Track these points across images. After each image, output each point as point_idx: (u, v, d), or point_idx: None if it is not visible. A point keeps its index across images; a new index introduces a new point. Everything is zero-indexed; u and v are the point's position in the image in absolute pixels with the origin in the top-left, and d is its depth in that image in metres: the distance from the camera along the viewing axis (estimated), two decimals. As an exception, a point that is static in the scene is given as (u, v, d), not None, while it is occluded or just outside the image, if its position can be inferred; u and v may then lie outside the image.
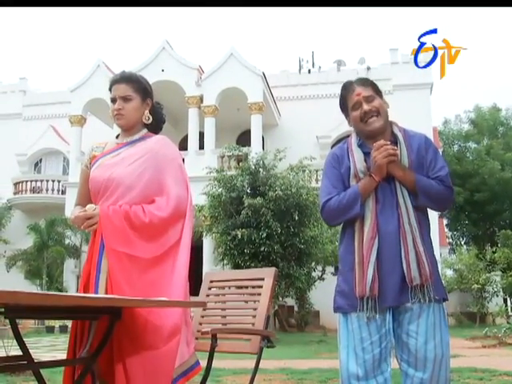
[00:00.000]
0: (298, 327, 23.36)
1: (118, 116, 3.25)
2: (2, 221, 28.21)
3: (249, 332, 3.35)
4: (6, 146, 31.14)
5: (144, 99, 3.30)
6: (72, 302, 1.95)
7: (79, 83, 27.50)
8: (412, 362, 2.93)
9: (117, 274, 2.79)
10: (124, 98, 3.23)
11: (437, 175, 3.04)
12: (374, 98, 3.09)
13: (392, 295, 2.91)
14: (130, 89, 3.26)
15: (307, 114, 28.72)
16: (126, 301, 2.23)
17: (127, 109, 3.24)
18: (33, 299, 1.69)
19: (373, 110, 3.06)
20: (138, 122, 3.30)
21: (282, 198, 17.76)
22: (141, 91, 3.29)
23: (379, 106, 3.09)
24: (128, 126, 3.28)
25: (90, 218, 2.99)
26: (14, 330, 2.14)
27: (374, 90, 3.13)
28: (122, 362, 2.59)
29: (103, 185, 3.09)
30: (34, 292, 1.69)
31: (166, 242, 2.97)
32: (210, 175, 19.55)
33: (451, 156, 33.84)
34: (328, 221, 3.21)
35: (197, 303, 3.06)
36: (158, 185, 3.09)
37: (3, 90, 32.59)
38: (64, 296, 1.84)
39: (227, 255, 18.30)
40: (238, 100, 25.78)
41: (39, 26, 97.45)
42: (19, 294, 1.57)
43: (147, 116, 3.32)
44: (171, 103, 27.24)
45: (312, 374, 8.61)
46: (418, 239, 2.93)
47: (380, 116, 3.07)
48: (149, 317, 2.67)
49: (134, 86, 3.27)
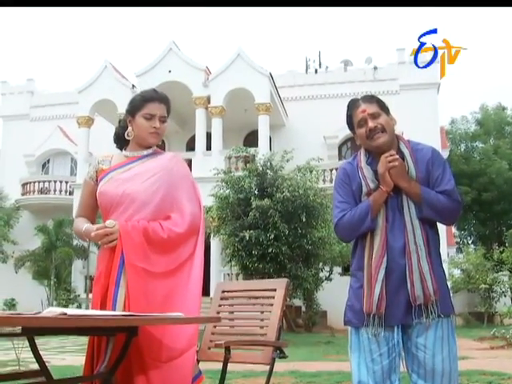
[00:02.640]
0: (306, 327, 23.38)
1: (155, 134, 3.30)
2: (10, 221, 28.29)
3: (262, 343, 3.38)
4: (14, 147, 31.26)
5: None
6: (91, 324, 1.99)
7: (86, 84, 27.58)
8: (422, 373, 2.97)
9: (135, 288, 2.84)
10: (163, 118, 3.30)
11: (444, 189, 3.05)
12: (380, 115, 3.09)
13: (398, 313, 2.95)
14: (165, 110, 3.33)
15: (314, 114, 28.73)
16: (143, 320, 2.27)
17: (162, 129, 3.31)
18: (54, 322, 1.73)
19: (378, 126, 3.06)
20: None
21: (290, 200, 17.80)
22: (168, 112, 3.37)
23: (385, 122, 3.08)
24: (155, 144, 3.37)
25: (109, 234, 3.02)
26: (32, 347, 2.18)
27: (380, 106, 3.13)
28: (142, 374, 2.64)
29: (116, 199, 3.12)
30: (54, 317, 1.73)
31: (180, 256, 3.02)
32: (217, 176, 19.60)
33: (458, 156, 33.81)
34: (343, 237, 3.24)
35: (211, 319, 3.08)
36: (171, 201, 3.14)
37: (11, 90, 32.68)
38: (84, 318, 1.88)
39: (235, 256, 18.37)
40: (245, 100, 25.80)
41: (46, 26, 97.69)
42: (42, 319, 1.61)
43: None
44: (178, 104, 27.27)
45: (321, 377, 8.63)
46: (422, 258, 2.96)
47: (385, 132, 3.08)
48: (166, 328, 2.72)
49: (167, 106, 3.35)
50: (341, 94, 29.01)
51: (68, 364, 10.25)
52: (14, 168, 30.70)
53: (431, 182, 3.08)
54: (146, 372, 2.66)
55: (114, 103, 26.74)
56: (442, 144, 28.79)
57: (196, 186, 3.32)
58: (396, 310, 2.95)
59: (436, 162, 3.12)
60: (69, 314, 2.07)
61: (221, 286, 3.95)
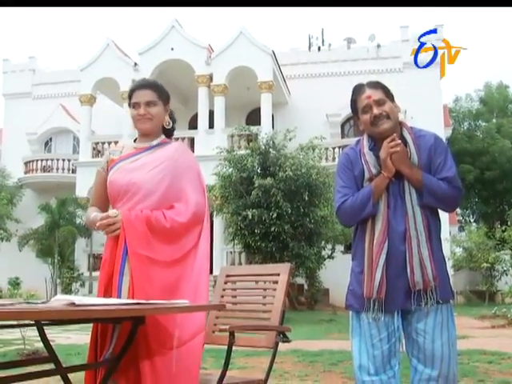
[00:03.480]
0: (308, 305, 23.51)
1: (142, 120, 3.31)
2: (13, 200, 28.33)
3: (265, 328, 3.42)
4: (17, 125, 31.18)
5: (165, 105, 3.37)
6: (101, 315, 2.03)
7: (89, 62, 27.46)
8: (421, 358, 3.03)
9: (140, 276, 2.88)
10: (148, 103, 3.29)
11: (445, 176, 3.07)
12: (385, 102, 3.10)
13: (398, 299, 3.00)
14: (155, 95, 3.32)
15: (317, 92, 28.59)
16: (151, 309, 2.30)
17: (153, 113, 3.30)
18: (64, 315, 1.76)
19: (383, 113, 3.08)
20: (160, 129, 3.38)
21: (292, 179, 17.83)
22: (163, 97, 3.36)
23: (389, 109, 3.10)
24: (153, 130, 3.35)
25: (112, 224, 3.05)
26: (41, 336, 2.22)
27: (385, 93, 3.14)
28: (148, 360, 2.68)
29: (123, 188, 3.15)
30: (65, 309, 1.76)
31: (185, 245, 3.05)
32: (220, 155, 19.60)
33: (462, 134, 33.77)
34: (345, 221, 3.26)
35: (216, 306, 3.12)
36: (176, 191, 3.16)
37: (12, 69, 32.47)
38: (93, 310, 1.91)
39: (238, 235, 18.44)
40: (248, 79, 25.71)
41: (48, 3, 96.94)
42: (52, 313, 1.64)
43: (168, 121, 3.39)
44: (181, 82, 27.26)
45: (323, 356, 8.73)
46: (422, 244, 2.99)
47: (390, 119, 3.09)
48: (172, 315, 2.76)
49: (156, 92, 3.34)
50: (344, 72, 28.92)
51: (72, 343, 10.36)
52: (17, 146, 30.67)
53: (433, 168, 3.10)
54: (152, 359, 2.70)
55: (116, 81, 26.68)
56: (445, 122, 28.72)
57: (201, 176, 3.32)
58: (396, 295, 3.00)
59: (438, 148, 3.14)
60: (77, 303, 2.10)
61: (225, 270, 3.99)
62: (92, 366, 2.49)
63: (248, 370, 7.15)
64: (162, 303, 2.49)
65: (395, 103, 3.18)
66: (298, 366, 7.84)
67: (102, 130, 28.82)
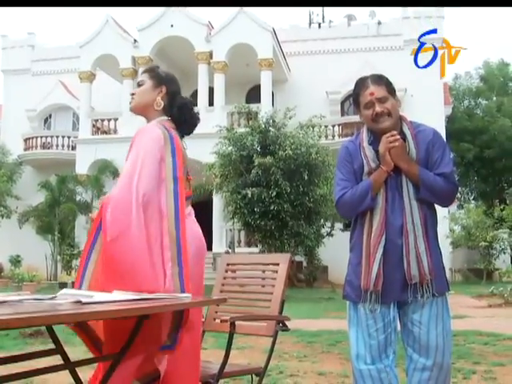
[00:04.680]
0: (307, 282, 23.68)
1: (130, 100, 3.35)
2: (13, 177, 28.38)
3: (265, 318, 3.50)
4: (16, 102, 31.07)
5: (157, 85, 3.32)
6: (111, 316, 2.09)
7: (88, 39, 27.33)
8: (416, 348, 3.12)
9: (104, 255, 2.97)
10: (138, 83, 3.35)
11: (442, 171, 3.12)
12: (387, 99, 3.14)
13: (394, 291, 3.08)
14: (146, 76, 3.35)
15: (317, 69, 28.49)
16: (158, 307, 2.36)
17: (137, 92, 3.33)
18: (72, 318, 1.83)
19: (385, 111, 3.12)
20: (149, 108, 3.32)
21: (292, 158, 17.87)
22: (155, 77, 3.34)
23: (391, 107, 3.14)
24: (136, 108, 3.34)
25: None
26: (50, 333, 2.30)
27: (388, 89, 3.17)
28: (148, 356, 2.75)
29: None
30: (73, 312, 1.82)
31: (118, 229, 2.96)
32: (220, 133, 19.61)
33: (462, 112, 33.69)
34: (344, 214, 3.33)
35: (217, 300, 3.19)
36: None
37: (11, 45, 32.24)
38: (101, 311, 1.97)
39: (237, 214, 18.51)
40: (248, 56, 25.63)
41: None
42: (61, 317, 1.70)
43: (159, 102, 3.31)
44: (180, 59, 27.22)
45: (321, 336, 8.84)
46: (419, 238, 3.05)
47: (391, 117, 3.14)
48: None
49: (148, 74, 3.37)
50: (344, 49, 28.84)
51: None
52: (16, 123, 30.61)
53: (430, 163, 3.15)
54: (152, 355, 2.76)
55: (115, 58, 26.61)
56: (446, 100, 28.67)
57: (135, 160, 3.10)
58: (392, 287, 3.07)
59: (436, 144, 3.19)
60: (83, 301, 2.17)
61: (225, 258, 4.06)
62: (96, 359, 2.56)
63: (247, 351, 7.26)
64: (167, 298, 2.55)
65: (397, 97, 3.23)
66: (297, 346, 7.95)
67: (101, 106, 28.77)
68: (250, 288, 3.90)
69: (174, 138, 3.21)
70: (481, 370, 5.97)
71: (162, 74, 3.41)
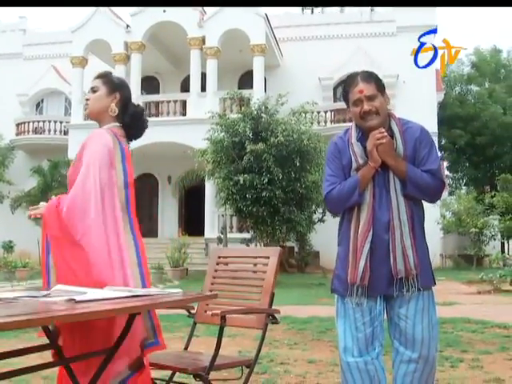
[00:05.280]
0: (299, 268, 23.83)
1: (85, 106, 3.45)
2: (5, 162, 28.33)
3: (255, 311, 3.57)
4: (7, 86, 30.88)
5: (111, 92, 3.37)
6: (101, 315, 2.15)
7: (80, 24, 27.16)
8: (403, 341, 3.20)
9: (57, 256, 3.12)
10: (92, 89, 3.39)
11: (429, 168, 3.17)
12: (376, 97, 3.17)
13: (381, 285, 3.15)
14: (100, 81, 3.40)
15: (310, 55, 28.45)
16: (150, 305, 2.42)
17: (91, 98, 3.38)
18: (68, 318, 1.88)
19: (372, 110, 3.16)
20: (104, 114, 3.38)
21: (284, 144, 17.92)
22: (108, 84, 3.39)
23: (379, 105, 3.17)
24: (91, 114, 3.40)
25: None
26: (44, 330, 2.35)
27: (377, 86, 3.20)
28: None
29: None
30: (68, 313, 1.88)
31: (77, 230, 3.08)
32: (212, 119, 19.61)
33: (453, 99, 33.74)
34: (331, 209, 3.40)
35: (208, 296, 3.25)
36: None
37: (3, 28, 31.98)
38: (94, 312, 2.03)
39: (229, 200, 18.57)
40: (241, 41, 25.57)
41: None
42: (57, 318, 1.76)
43: (113, 109, 3.36)
44: (173, 44, 27.17)
45: (312, 323, 8.94)
46: (405, 234, 3.11)
47: (379, 115, 3.18)
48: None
49: (102, 80, 3.41)
50: (337, 35, 28.80)
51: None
52: (8, 108, 30.45)
53: (417, 160, 3.21)
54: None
55: (108, 43, 26.51)
56: (437, 87, 28.71)
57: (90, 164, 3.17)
58: (379, 282, 3.14)
59: (424, 141, 3.24)
60: (77, 299, 2.23)
61: (217, 251, 4.12)
62: (90, 354, 2.62)
63: (238, 339, 7.34)
64: (158, 295, 2.62)
65: (386, 95, 3.26)
66: (288, 333, 8.03)
67: (93, 91, 28.67)
68: (240, 281, 3.95)
69: (124, 145, 3.29)
70: (468, 359, 6.06)
71: (115, 80, 3.47)
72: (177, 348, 4.04)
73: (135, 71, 26.48)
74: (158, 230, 28.80)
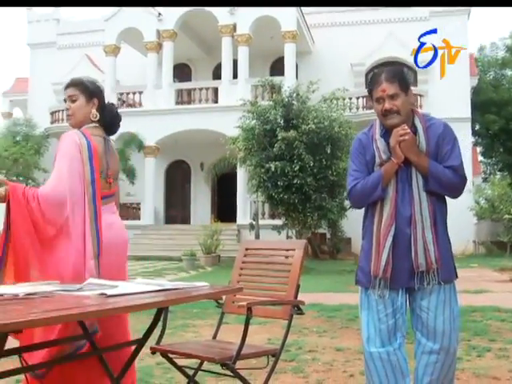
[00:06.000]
0: (330, 254, 23.90)
1: (69, 117, 3.63)
2: (40, 150, 28.75)
3: (281, 303, 3.68)
4: (42, 75, 31.33)
5: (89, 99, 3.57)
6: (131, 310, 2.28)
7: (112, 12, 27.44)
8: (424, 332, 3.29)
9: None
10: (71, 98, 3.57)
11: (451, 164, 3.24)
12: (398, 96, 3.23)
13: (403, 278, 3.24)
14: (76, 90, 3.57)
15: (341, 40, 28.31)
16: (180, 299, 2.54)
17: (74, 108, 3.57)
18: (103, 313, 2.01)
19: (394, 109, 3.23)
20: (87, 121, 3.58)
21: (315, 131, 17.94)
22: (86, 91, 3.57)
23: (400, 105, 3.23)
24: (76, 125, 3.58)
25: None
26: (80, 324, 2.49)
27: (401, 85, 3.25)
28: None
29: None
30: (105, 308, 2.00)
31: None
32: (243, 107, 19.70)
33: (487, 83, 33.23)
34: (355, 203, 3.48)
35: (235, 290, 3.37)
36: None
37: (37, 18, 32.47)
38: (126, 307, 2.15)
39: (261, 187, 18.66)
40: (272, 28, 25.56)
41: None
42: (92, 313, 1.88)
43: (94, 114, 3.58)
44: (204, 31, 27.29)
45: (341, 310, 9.02)
46: (427, 228, 3.20)
47: (399, 115, 3.24)
48: None
49: (78, 88, 3.58)
50: (369, 21, 28.59)
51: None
52: (43, 96, 30.86)
53: (440, 156, 3.27)
54: None
55: (140, 31, 26.73)
56: (471, 71, 28.38)
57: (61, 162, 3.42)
58: (401, 274, 3.23)
59: (447, 137, 3.30)
60: (108, 293, 2.36)
61: (245, 244, 4.24)
62: (123, 344, 2.75)
63: (268, 326, 7.44)
64: (185, 289, 2.74)
65: (410, 92, 3.31)
66: (317, 321, 8.13)
67: (126, 79, 29.00)
68: (267, 272, 4.06)
69: (92, 145, 3.45)
70: (495, 348, 6.09)
71: (90, 86, 3.63)
72: (208, 335, 4.18)
73: (167, 59, 26.69)
74: (191, 216, 29.06)
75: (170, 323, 7.42)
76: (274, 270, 4.02)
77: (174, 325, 7.71)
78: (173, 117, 25.78)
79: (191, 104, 26.55)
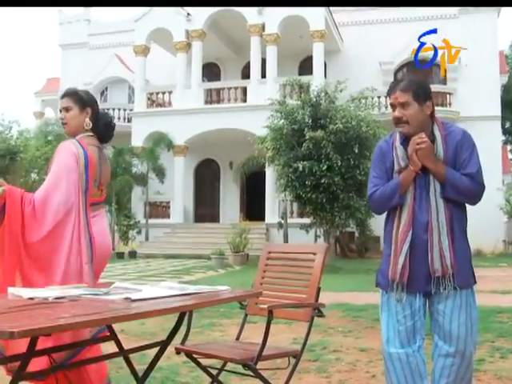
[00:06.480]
0: (359, 253, 23.93)
1: (63, 125, 3.82)
2: (71, 149, 29.10)
3: (301, 305, 3.79)
4: (74, 75, 31.67)
5: (82, 108, 3.77)
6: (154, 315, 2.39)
7: (142, 13, 27.71)
8: (441, 335, 3.37)
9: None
10: (65, 108, 3.77)
11: (469, 171, 3.29)
12: (409, 106, 3.30)
13: (419, 283, 3.32)
14: (70, 100, 3.78)
15: (370, 39, 28.24)
16: (195, 305, 2.65)
17: (67, 117, 3.77)
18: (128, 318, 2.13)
19: (402, 118, 3.31)
20: (80, 129, 3.77)
21: (343, 131, 17.96)
22: (79, 102, 3.78)
23: (410, 114, 3.30)
24: (71, 132, 3.79)
25: None
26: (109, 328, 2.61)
27: (415, 95, 3.31)
28: None
29: None
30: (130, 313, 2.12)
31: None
32: (271, 106, 19.79)
33: (517, 81, 32.97)
34: (375, 209, 3.57)
35: (254, 294, 3.48)
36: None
37: (68, 19, 33.00)
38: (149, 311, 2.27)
39: (289, 187, 18.75)
40: (300, 27, 25.60)
41: None
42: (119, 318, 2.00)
43: (88, 123, 3.77)
44: (233, 31, 27.42)
45: (367, 311, 9.05)
46: (443, 234, 3.26)
47: (408, 124, 3.32)
48: None
49: (72, 98, 3.79)
50: (397, 19, 28.45)
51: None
52: (75, 96, 31.23)
53: (458, 163, 3.33)
54: None
55: (169, 32, 26.95)
56: (501, 69, 28.14)
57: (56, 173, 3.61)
58: (418, 279, 3.31)
59: (465, 144, 3.35)
60: (132, 298, 2.48)
61: (268, 247, 4.34)
62: (148, 346, 2.87)
63: (294, 326, 7.50)
64: (207, 293, 2.85)
65: (428, 103, 3.34)
66: (343, 321, 8.21)
67: (156, 79, 29.29)
68: (289, 275, 4.17)
69: (87, 154, 3.64)
70: (520, 350, 6.11)
71: (84, 96, 3.84)
72: (234, 334, 4.30)
73: (196, 59, 26.90)
74: (220, 215, 29.23)
75: (197, 322, 7.62)
76: (295, 272, 4.12)
77: (202, 324, 7.85)
78: (202, 116, 25.98)
79: (220, 103, 26.74)
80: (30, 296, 2.57)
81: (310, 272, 3.89)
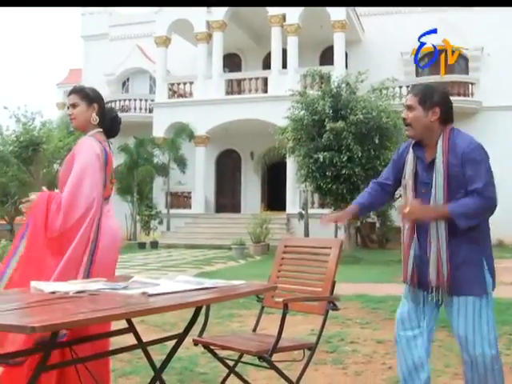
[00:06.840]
0: (379, 243, 23.87)
1: (71, 120, 3.97)
2: (94, 140, 29.29)
3: (316, 298, 3.86)
4: (95, 66, 32.01)
5: (90, 104, 3.92)
6: (171, 309, 2.48)
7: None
8: (457, 339, 3.42)
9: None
10: (73, 105, 3.92)
11: (474, 188, 3.21)
12: (414, 110, 3.36)
13: (426, 284, 3.42)
14: (77, 97, 3.93)
15: (392, 28, 28.03)
16: (211, 299, 2.73)
17: (75, 113, 3.91)
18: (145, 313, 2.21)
19: (407, 120, 3.40)
20: (88, 124, 3.92)
21: (363, 122, 17.95)
22: (86, 98, 3.93)
23: (412, 118, 3.37)
24: (79, 127, 3.96)
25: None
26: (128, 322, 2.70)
27: (421, 101, 3.34)
28: None
29: None
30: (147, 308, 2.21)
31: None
32: (292, 97, 19.81)
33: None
34: None
35: (269, 288, 3.55)
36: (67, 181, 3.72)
37: (90, 11, 33.21)
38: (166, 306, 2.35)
39: (309, 177, 18.80)
40: (321, 17, 25.49)
41: None
42: (136, 312, 2.09)
43: (95, 118, 3.91)
44: (254, 21, 27.38)
45: (386, 302, 9.06)
46: (442, 249, 3.30)
47: (411, 127, 3.39)
48: None
49: (79, 95, 3.94)
50: (419, 9, 28.23)
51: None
52: (96, 87, 30.89)
53: (465, 178, 3.26)
54: None
55: (190, 23, 26.99)
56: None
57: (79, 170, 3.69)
58: (425, 281, 3.41)
59: (470, 158, 3.24)
60: (150, 293, 2.57)
61: (284, 241, 4.42)
62: (165, 339, 2.96)
63: (311, 317, 7.52)
64: (224, 287, 2.93)
65: (434, 111, 3.33)
66: (361, 312, 8.26)
67: (177, 70, 29.38)
68: (304, 268, 4.24)
69: (107, 150, 3.84)
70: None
71: (90, 93, 4.00)
72: (252, 325, 4.37)
73: (217, 49, 26.94)
74: (241, 205, 29.31)
75: (217, 313, 7.72)
76: (311, 266, 4.19)
77: (221, 314, 7.94)
78: (223, 106, 26.04)
79: (241, 94, 26.78)
80: (51, 290, 2.67)
81: (325, 266, 3.96)
